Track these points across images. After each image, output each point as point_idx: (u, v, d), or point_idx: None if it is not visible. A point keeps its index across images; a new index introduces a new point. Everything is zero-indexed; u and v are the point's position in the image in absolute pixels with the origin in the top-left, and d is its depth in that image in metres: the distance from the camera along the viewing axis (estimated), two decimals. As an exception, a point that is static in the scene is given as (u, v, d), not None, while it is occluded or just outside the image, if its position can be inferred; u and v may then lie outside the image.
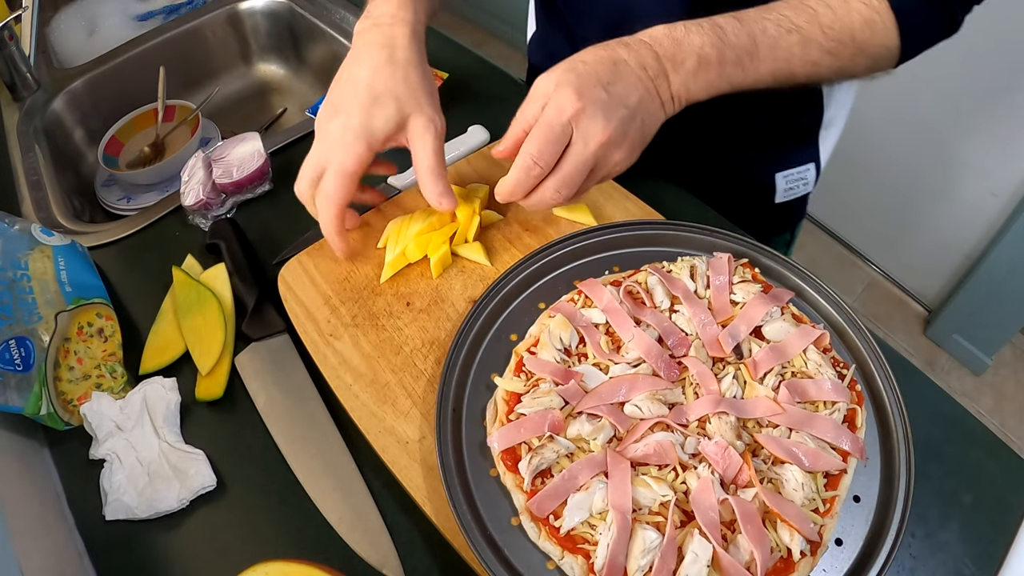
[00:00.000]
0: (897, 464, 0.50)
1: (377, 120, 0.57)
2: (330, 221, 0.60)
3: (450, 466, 0.50)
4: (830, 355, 0.55)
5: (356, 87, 0.57)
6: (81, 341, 0.62)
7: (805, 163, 0.86)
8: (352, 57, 0.59)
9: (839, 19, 0.56)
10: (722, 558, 0.44)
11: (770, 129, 0.81)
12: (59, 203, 0.82)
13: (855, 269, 2.03)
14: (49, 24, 1.12)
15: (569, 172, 0.53)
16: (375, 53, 0.58)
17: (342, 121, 0.57)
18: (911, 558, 0.51)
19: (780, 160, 0.85)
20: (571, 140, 0.53)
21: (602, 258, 0.63)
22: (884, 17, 0.56)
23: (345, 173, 0.57)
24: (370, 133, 0.57)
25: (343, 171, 0.57)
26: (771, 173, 0.85)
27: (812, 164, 0.86)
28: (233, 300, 0.67)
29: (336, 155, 0.57)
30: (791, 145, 0.85)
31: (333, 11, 1.07)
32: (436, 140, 0.58)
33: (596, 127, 0.52)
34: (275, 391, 0.61)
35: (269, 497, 0.56)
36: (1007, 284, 1.62)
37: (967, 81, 1.47)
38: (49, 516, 0.55)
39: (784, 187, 0.86)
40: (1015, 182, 1.55)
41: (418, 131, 0.58)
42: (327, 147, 0.58)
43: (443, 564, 0.52)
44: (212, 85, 1.11)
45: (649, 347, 0.54)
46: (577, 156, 0.53)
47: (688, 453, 0.49)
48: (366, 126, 0.57)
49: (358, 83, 0.57)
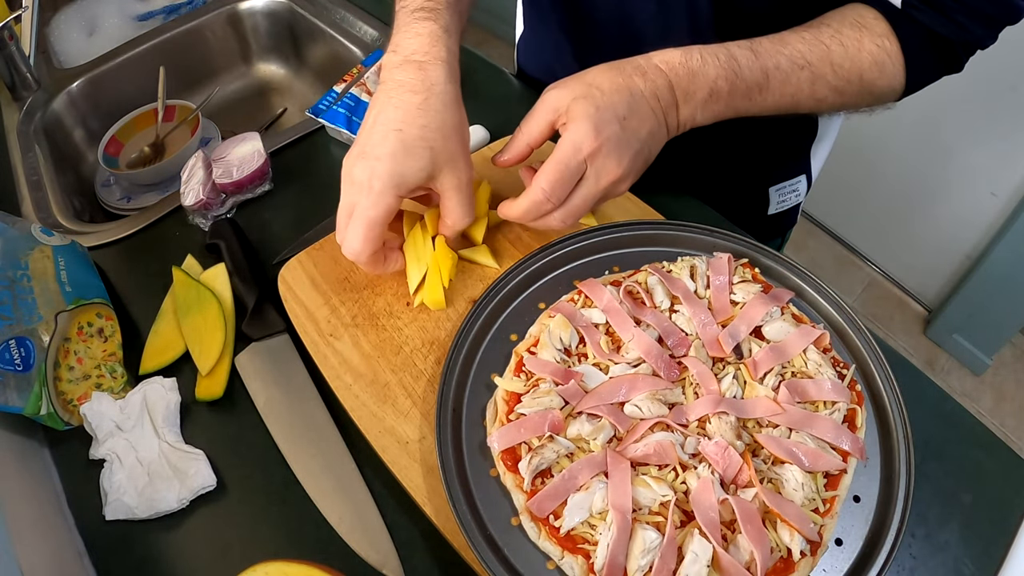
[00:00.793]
0: (897, 464, 0.50)
1: (408, 170, 0.52)
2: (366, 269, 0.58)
3: (450, 466, 0.50)
4: (830, 355, 0.55)
5: (386, 132, 0.52)
6: (81, 341, 0.62)
7: (797, 176, 0.86)
8: (382, 98, 0.54)
9: (850, 58, 0.55)
10: (722, 558, 0.44)
11: (763, 147, 0.81)
12: (59, 203, 0.82)
13: (855, 269, 2.03)
14: (49, 24, 1.12)
15: (577, 206, 0.55)
16: (408, 97, 0.53)
17: (371, 167, 0.52)
18: (911, 558, 0.51)
19: (773, 175, 0.86)
20: (583, 175, 0.54)
21: (602, 258, 0.63)
22: (894, 59, 0.55)
23: (370, 223, 0.53)
24: (399, 183, 0.53)
25: (367, 221, 0.53)
26: (764, 188, 0.86)
27: (803, 176, 0.87)
28: (233, 300, 0.67)
29: (362, 203, 0.53)
30: (784, 161, 0.86)
31: (333, 11, 1.07)
32: (468, 197, 0.56)
33: (610, 165, 0.53)
34: (275, 391, 0.61)
35: (269, 497, 0.56)
36: (1007, 284, 1.62)
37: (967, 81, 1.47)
38: (49, 516, 0.55)
39: (777, 200, 0.87)
40: (1015, 182, 1.55)
41: (450, 187, 0.55)
42: (353, 193, 0.54)
43: (443, 564, 0.52)
44: (212, 85, 1.11)
45: (649, 347, 0.54)
46: (588, 192, 0.54)
47: (688, 453, 0.49)
48: (395, 174, 0.52)
49: (388, 128, 0.52)
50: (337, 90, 0.87)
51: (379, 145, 0.52)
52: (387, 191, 0.52)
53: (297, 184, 0.81)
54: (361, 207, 0.53)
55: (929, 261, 1.84)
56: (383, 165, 0.52)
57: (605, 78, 0.54)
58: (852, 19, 0.56)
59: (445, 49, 0.56)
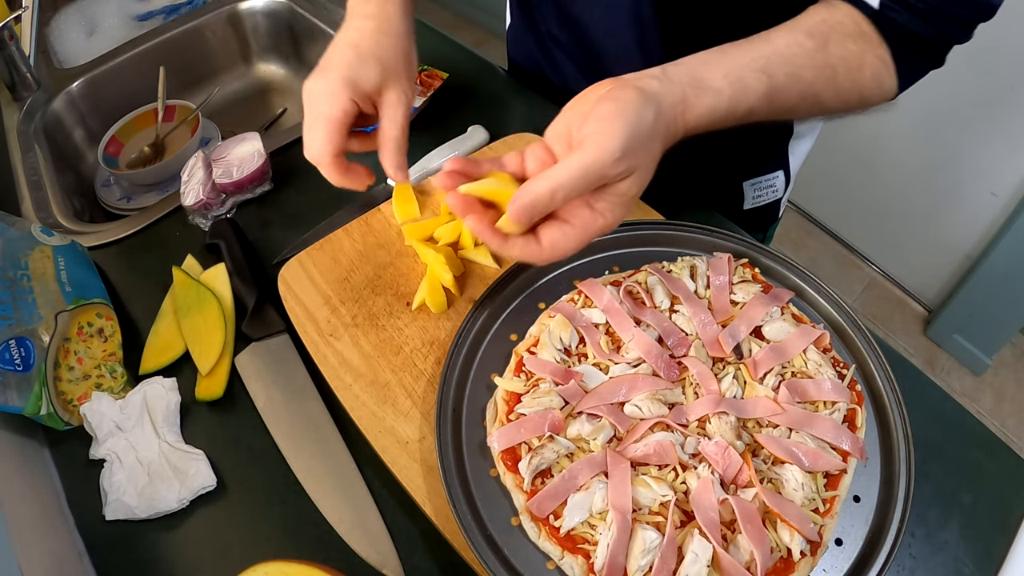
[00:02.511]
0: (897, 464, 0.50)
1: (361, 76, 0.57)
2: (329, 176, 0.59)
3: (450, 466, 0.50)
4: (830, 355, 0.55)
5: (343, 49, 0.58)
6: (81, 341, 0.62)
7: (773, 171, 0.85)
8: (343, 27, 0.60)
9: (852, 77, 0.53)
10: (722, 558, 0.44)
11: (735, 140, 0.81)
12: (59, 203, 0.82)
13: (855, 269, 2.03)
14: (49, 24, 1.12)
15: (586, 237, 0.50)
16: (364, 22, 0.59)
17: (327, 76, 0.57)
18: (911, 558, 0.51)
19: (746, 169, 0.85)
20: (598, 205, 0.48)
21: (602, 258, 0.63)
22: (889, 69, 0.55)
23: (328, 120, 0.56)
24: (357, 85, 0.57)
25: (326, 121, 0.56)
26: (738, 182, 0.85)
27: (781, 172, 0.86)
28: (233, 300, 0.67)
29: (321, 108, 0.56)
30: (758, 155, 0.85)
31: (333, 11, 1.07)
32: (405, 114, 0.59)
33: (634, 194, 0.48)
34: (275, 391, 0.61)
35: (269, 497, 0.56)
36: (1007, 284, 1.62)
37: (967, 81, 1.47)
38: (49, 516, 0.55)
39: (752, 195, 0.86)
40: (1015, 182, 1.55)
41: (391, 100, 0.59)
42: (313, 104, 0.57)
43: (443, 564, 0.52)
44: (212, 85, 1.11)
45: (649, 347, 0.54)
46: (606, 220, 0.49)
47: (688, 453, 0.50)
48: (350, 79, 0.56)
49: (344, 45, 0.58)
50: (337, 90, 0.87)
51: (335, 58, 0.58)
52: (342, 92, 0.56)
53: (297, 184, 0.81)
54: (319, 111, 0.56)
55: (929, 261, 1.84)
56: (339, 72, 0.56)
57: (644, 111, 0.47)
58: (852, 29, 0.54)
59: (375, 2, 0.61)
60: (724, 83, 0.49)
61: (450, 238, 0.65)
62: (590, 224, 0.47)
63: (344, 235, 0.68)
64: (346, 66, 0.57)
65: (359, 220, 0.69)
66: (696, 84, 0.48)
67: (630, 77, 0.48)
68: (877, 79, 0.54)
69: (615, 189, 0.46)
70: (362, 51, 0.57)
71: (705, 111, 0.49)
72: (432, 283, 0.62)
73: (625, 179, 0.46)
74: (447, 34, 1.00)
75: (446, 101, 0.88)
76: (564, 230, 0.47)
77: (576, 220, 0.47)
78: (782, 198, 0.89)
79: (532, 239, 0.47)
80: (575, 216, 0.47)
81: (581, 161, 0.43)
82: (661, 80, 0.47)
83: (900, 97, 0.61)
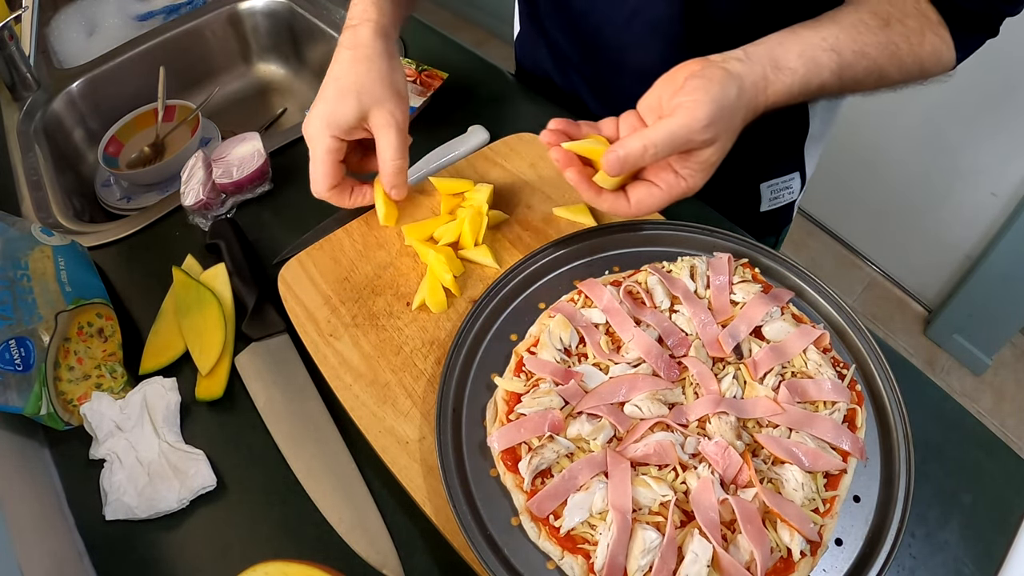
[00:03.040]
0: (897, 464, 0.50)
1: (339, 112, 0.62)
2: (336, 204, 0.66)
3: (450, 466, 0.50)
4: (830, 355, 0.55)
5: (327, 84, 0.63)
6: (81, 341, 0.62)
7: (790, 172, 0.86)
8: (333, 58, 0.65)
9: (914, 53, 0.57)
10: (722, 558, 0.44)
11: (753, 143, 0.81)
12: (59, 203, 0.82)
13: (855, 269, 2.03)
14: (49, 24, 1.12)
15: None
16: (343, 53, 0.64)
17: (315, 112, 0.63)
18: (911, 558, 0.51)
19: (764, 171, 0.85)
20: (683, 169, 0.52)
21: (602, 258, 0.63)
22: (948, 45, 0.58)
23: (318, 161, 0.63)
24: (336, 124, 0.62)
25: (317, 160, 0.63)
26: (755, 183, 0.86)
27: (797, 173, 0.86)
28: (233, 300, 0.67)
29: (313, 145, 0.63)
30: (775, 156, 0.85)
31: (333, 11, 1.07)
32: (396, 134, 0.63)
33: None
34: (275, 391, 0.61)
35: (269, 497, 0.56)
36: (1007, 284, 1.62)
37: (967, 81, 1.47)
38: (49, 516, 0.55)
39: (769, 196, 0.87)
40: (1015, 182, 1.55)
41: (378, 125, 0.63)
42: (309, 144, 0.64)
43: (443, 564, 0.52)
44: (212, 85, 1.11)
45: (649, 347, 0.54)
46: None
47: (688, 453, 0.49)
48: (332, 117, 0.62)
49: (329, 80, 0.63)
50: (337, 90, 0.87)
51: (320, 97, 0.63)
52: (323, 131, 0.62)
53: (297, 184, 0.80)
54: (312, 151, 0.63)
55: (929, 261, 1.84)
56: (319, 110, 0.62)
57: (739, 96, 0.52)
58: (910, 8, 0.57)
59: (376, 10, 0.65)
60: (799, 62, 0.53)
61: (450, 238, 0.65)
62: (674, 187, 0.52)
63: (344, 235, 0.68)
64: (324, 104, 0.62)
65: (359, 220, 0.69)
66: (774, 64, 0.52)
67: (716, 58, 0.52)
68: (936, 53, 0.57)
69: (698, 156, 0.51)
70: (342, 85, 0.62)
71: (783, 88, 0.53)
72: (432, 283, 0.62)
73: (708, 147, 0.50)
74: (447, 34, 1.00)
75: (446, 101, 0.88)
76: (651, 190, 0.52)
77: (662, 182, 0.52)
78: (796, 200, 0.90)
79: (622, 196, 0.53)
80: (660, 179, 0.52)
81: (672, 125, 0.48)
82: (744, 61, 0.52)
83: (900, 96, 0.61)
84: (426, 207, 0.70)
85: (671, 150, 0.49)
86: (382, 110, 0.62)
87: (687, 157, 0.51)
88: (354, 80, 0.62)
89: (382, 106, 0.62)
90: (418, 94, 0.86)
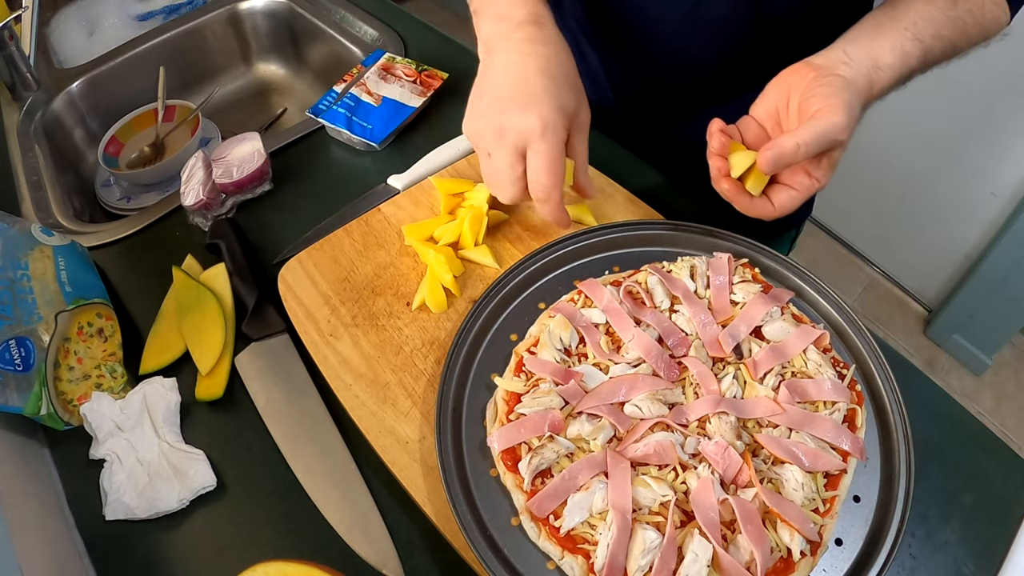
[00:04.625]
0: (897, 464, 0.50)
1: (566, 101, 0.55)
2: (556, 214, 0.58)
3: (450, 466, 0.50)
4: (830, 355, 0.55)
5: (531, 78, 0.55)
6: (81, 341, 0.62)
7: None
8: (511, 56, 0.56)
9: (978, 24, 0.59)
10: (722, 558, 0.44)
11: None
12: (59, 203, 0.82)
13: (855, 269, 2.03)
14: (49, 24, 1.12)
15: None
16: (539, 47, 0.56)
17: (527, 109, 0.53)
18: (911, 558, 0.51)
19: None
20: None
21: (602, 258, 0.63)
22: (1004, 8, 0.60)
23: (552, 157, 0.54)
24: (567, 112, 0.55)
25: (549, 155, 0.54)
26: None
27: None
28: (233, 300, 0.67)
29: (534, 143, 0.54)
30: None
31: (333, 11, 1.07)
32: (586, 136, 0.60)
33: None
34: (275, 391, 0.61)
35: (269, 497, 0.56)
36: (1007, 284, 1.62)
37: (967, 81, 1.47)
38: (49, 516, 0.55)
39: None
40: (1015, 182, 1.55)
41: (582, 124, 0.59)
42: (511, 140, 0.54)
43: (443, 564, 0.52)
44: (212, 85, 1.11)
45: (649, 347, 0.54)
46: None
47: (688, 453, 0.49)
48: (558, 107, 0.54)
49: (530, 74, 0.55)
50: (337, 90, 0.87)
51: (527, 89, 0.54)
52: (558, 122, 0.54)
53: (297, 184, 0.81)
54: (536, 146, 0.54)
55: (929, 261, 1.84)
56: (544, 102, 0.54)
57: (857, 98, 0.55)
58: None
59: (549, 10, 0.60)
60: (892, 57, 0.55)
61: (450, 238, 0.65)
62: (808, 187, 0.55)
63: (344, 235, 0.68)
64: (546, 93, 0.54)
65: (359, 220, 0.69)
66: (874, 64, 0.55)
67: (823, 62, 0.54)
68: (995, 19, 0.61)
69: (830, 157, 0.54)
70: (557, 77, 0.55)
71: (885, 86, 0.56)
72: (432, 283, 0.62)
73: (839, 148, 0.53)
74: (447, 34, 1.00)
75: (446, 101, 0.88)
76: (790, 193, 0.55)
77: (798, 185, 0.55)
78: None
79: (766, 200, 0.56)
80: (796, 182, 0.55)
81: (820, 126, 0.51)
82: (850, 65, 0.54)
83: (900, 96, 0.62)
84: (426, 207, 0.70)
85: (817, 149, 0.52)
86: (585, 108, 0.58)
87: (819, 159, 0.54)
88: (566, 74, 0.56)
89: (585, 106, 0.58)
90: (418, 94, 0.86)
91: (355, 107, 0.84)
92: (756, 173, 0.54)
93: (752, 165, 0.54)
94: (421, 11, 0.72)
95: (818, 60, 0.55)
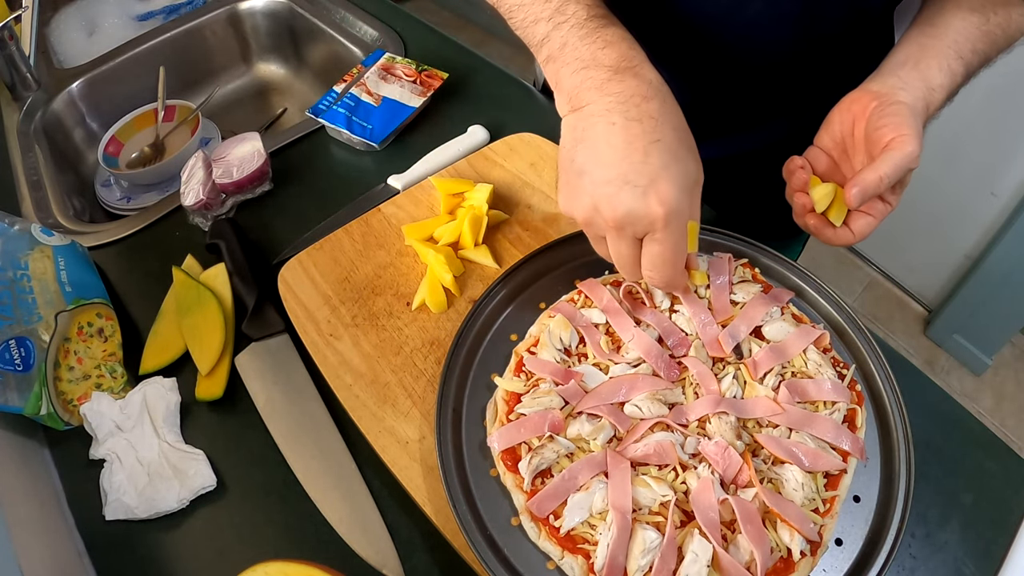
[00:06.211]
0: (897, 464, 0.50)
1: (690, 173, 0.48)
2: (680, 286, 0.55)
3: (450, 466, 0.50)
4: (830, 355, 0.55)
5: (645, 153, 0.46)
6: (81, 341, 0.62)
7: None
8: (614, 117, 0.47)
9: (1007, 34, 0.62)
10: (722, 558, 0.44)
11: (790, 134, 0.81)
12: (59, 203, 0.82)
13: (855, 269, 2.03)
14: (49, 24, 1.12)
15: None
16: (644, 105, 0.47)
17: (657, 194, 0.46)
18: (911, 558, 0.51)
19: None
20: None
21: (602, 258, 0.63)
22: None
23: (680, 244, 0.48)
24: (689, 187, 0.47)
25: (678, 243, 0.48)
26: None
27: None
28: (233, 300, 0.67)
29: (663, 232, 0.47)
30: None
31: (333, 11, 1.07)
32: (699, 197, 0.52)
33: None
34: (275, 391, 0.61)
35: (269, 497, 0.56)
36: (1007, 284, 1.62)
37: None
38: (49, 516, 0.55)
39: None
40: (1015, 182, 1.55)
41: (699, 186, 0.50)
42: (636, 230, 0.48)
43: (443, 564, 0.52)
44: (212, 85, 1.11)
45: (649, 347, 0.54)
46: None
47: (688, 453, 0.49)
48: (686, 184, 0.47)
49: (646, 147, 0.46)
50: (337, 90, 0.87)
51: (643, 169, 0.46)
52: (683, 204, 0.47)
53: (297, 184, 0.81)
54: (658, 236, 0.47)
55: (929, 261, 1.84)
56: (665, 183, 0.46)
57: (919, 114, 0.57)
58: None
59: (639, 49, 0.51)
60: (942, 77, 0.57)
61: (450, 238, 0.65)
62: (883, 212, 0.57)
63: (344, 235, 0.68)
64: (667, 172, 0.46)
65: (359, 220, 0.69)
66: (928, 86, 0.56)
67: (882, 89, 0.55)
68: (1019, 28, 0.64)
69: (903, 182, 0.56)
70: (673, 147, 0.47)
71: (938, 106, 0.58)
72: (432, 283, 0.62)
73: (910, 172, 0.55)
74: (447, 34, 1.00)
75: (446, 101, 0.88)
76: (867, 220, 0.57)
77: (874, 211, 0.57)
78: None
79: (847, 229, 0.57)
80: (873, 209, 0.57)
81: (896, 159, 0.52)
82: (907, 90, 0.56)
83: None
84: (426, 207, 0.70)
85: (896, 179, 0.53)
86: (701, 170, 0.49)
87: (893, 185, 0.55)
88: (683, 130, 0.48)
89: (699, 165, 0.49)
90: (418, 94, 0.86)
91: (355, 107, 0.84)
92: (838, 205, 0.57)
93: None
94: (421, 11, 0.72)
95: (875, 87, 0.56)
